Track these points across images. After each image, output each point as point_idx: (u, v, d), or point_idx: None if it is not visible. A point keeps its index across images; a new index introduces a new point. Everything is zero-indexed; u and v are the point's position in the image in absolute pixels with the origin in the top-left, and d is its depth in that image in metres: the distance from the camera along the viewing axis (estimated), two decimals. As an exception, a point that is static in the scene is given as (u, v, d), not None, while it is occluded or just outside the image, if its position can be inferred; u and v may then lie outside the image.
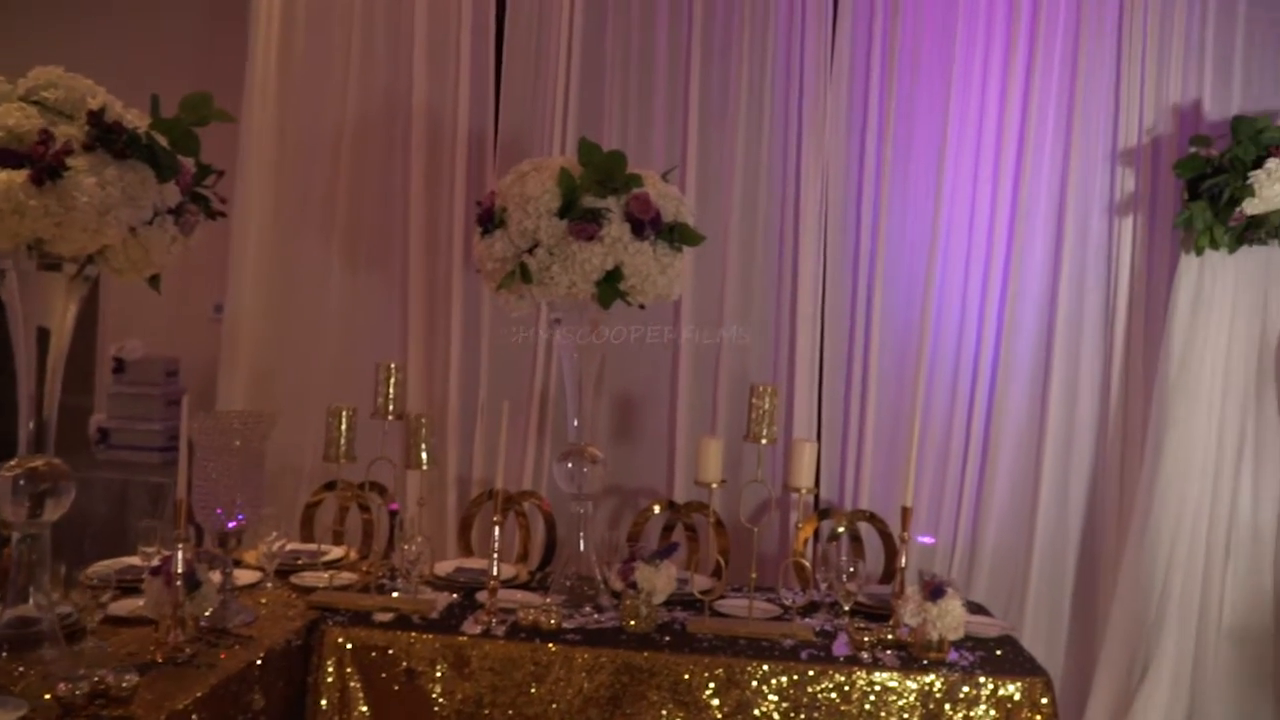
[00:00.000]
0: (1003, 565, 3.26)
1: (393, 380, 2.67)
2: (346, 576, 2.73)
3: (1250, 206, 2.91)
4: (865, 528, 3.14)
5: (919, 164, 3.31)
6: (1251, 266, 3.06)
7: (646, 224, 2.39)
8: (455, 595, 2.69)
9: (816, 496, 3.36)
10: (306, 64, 3.56)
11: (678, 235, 2.47)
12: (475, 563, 3.00)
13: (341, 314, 3.55)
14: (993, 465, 3.26)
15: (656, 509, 3.23)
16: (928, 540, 3.28)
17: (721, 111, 3.37)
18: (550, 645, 2.37)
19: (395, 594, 2.59)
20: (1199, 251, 3.05)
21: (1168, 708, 2.97)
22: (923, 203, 3.31)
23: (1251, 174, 2.89)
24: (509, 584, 2.81)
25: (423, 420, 2.62)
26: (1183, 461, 3.05)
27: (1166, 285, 3.14)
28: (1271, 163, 2.89)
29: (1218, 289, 3.07)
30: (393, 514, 3.02)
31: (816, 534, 3.19)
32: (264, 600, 2.52)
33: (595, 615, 2.58)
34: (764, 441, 2.57)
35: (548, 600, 2.59)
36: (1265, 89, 3.14)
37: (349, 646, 2.35)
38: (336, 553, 2.94)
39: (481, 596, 2.61)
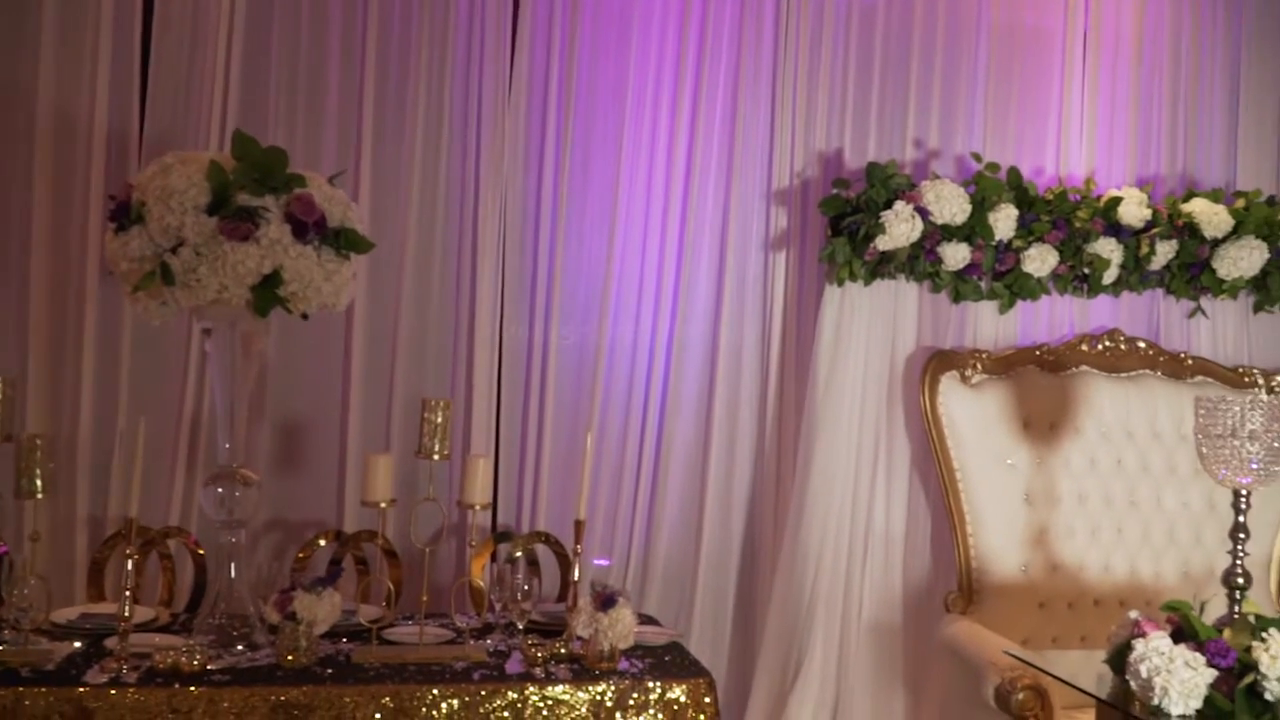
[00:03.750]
0: (673, 578, 3.37)
1: None
2: (-64, 630, 2.32)
3: (882, 243, 3.24)
4: (542, 549, 3.13)
5: (594, 195, 3.41)
6: (883, 298, 3.40)
7: (310, 226, 2.25)
8: (79, 644, 2.37)
9: (494, 517, 3.31)
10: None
11: (345, 241, 2.35)
12: (106, 607, 2.65)
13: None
14: (663, 483, 3.37)
15: (323, 541, 3.04)
16: (604, 562, 3.32)
17: (398, 126, 3.28)
18: (192, 689, 2.14)
19: (1, 646, 2.23)
20: (840, 283, 3.35)
21: (817, 701, 3.18)
22: (598, 232, 3.41)
23: (883, 214, 3.23)
24: (147, 627, 2.51)
25: (38, 441, 2.28)
26: (828, 475, 3.30)
27: (814, 314, 3.41)
28: (899, 205, 3.24)
29: (856, 318, 3.37)
30: (1, 557, 2.60)
31: (494, 556, 3.14)
32: None
33: (248, 654, 2.37)
34: (436, 457, 2.49)
35: (191, 641, 2.34)
36: (895, 141, 3.53)
37: (-67, 710, 2.00)
38: (-76, 604, 2.48)
39: (111, 643, 2.31)
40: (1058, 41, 3.62)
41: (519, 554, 3.05)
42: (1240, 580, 2.27)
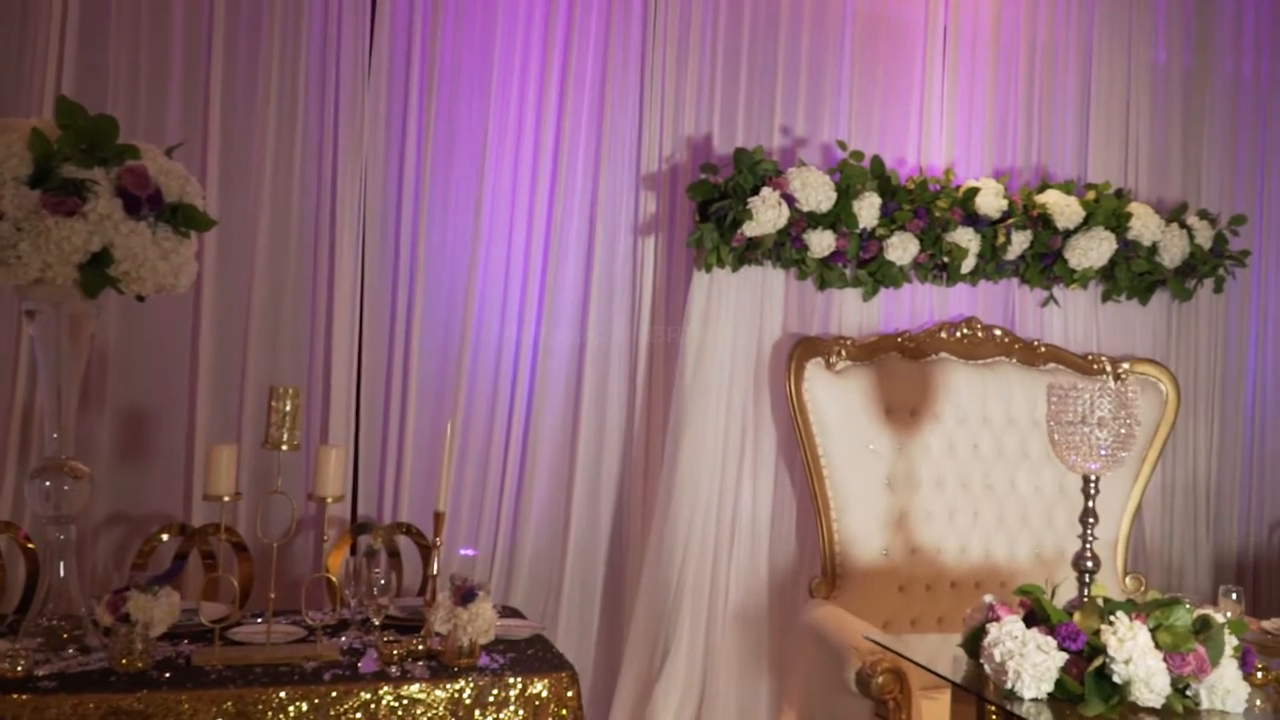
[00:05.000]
0: (540, 569, 3.31)
1: None
2: None
3: (749, 229, 3.24)
4: (404, 541, 3.04)
5: (459, 176, 3.32)
6: (751, 285, 3.41)
7: (143, 201, 2.09)
8: (-117, 653, 2.17)
9: (354, 509, 3.19)
10: None
11: (183, 218, 2.20)
12: (-80, 612, 2.45)
13: None
14: (531, 471, 3.31)
15: (166, 536, 2.87)
16: (470, 553, 3.25)
17: (249, 100, 3.11)
18: (15, 696, 1.99)
19: None
20: (708, 269, 3.34)
21: (684, 689, 3.18)
22: (463, 213, 3.32)
23: (750, 200, 3.23)
24: (-36, 632, 2.32)
25: None
26: (696, 461, 3.29)
27: (683, 299, 3.40)
28: (766, 191, 3.24)
29: (724, 303, 3.37)
30: None
31: (354, 549, 3.03)
32: None
33: (80, 658, 2.22)
34: (285, 448, 2.37)
35: (16, 645, 2.17)
36: (762, 128, 3.54)
37: None
38: None
39: (-80, 649, 2.12)
40: (919, 34, 3.70)
41: (379, 546, 2.95)
42: (1089, 564, 2.34)
